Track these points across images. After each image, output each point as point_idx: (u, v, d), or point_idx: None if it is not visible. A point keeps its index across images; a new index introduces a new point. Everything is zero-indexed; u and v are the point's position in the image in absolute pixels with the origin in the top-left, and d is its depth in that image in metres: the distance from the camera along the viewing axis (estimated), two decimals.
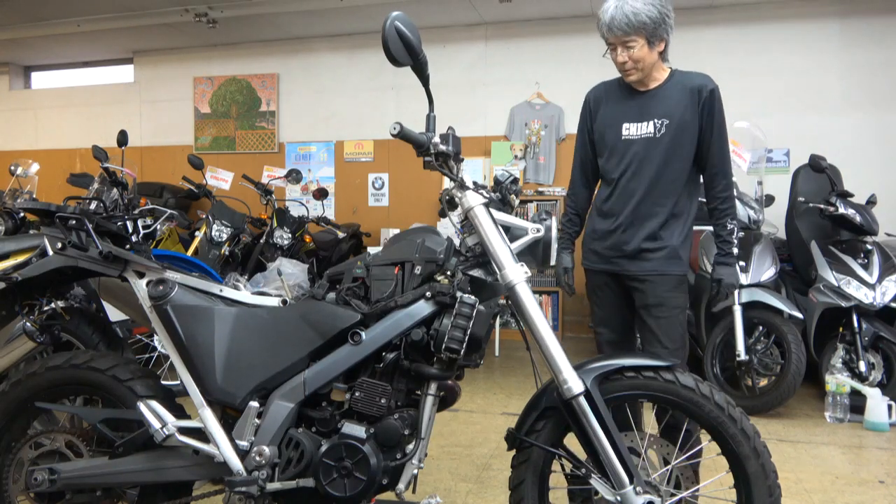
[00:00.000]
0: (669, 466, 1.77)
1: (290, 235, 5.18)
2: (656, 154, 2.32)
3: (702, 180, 2.44)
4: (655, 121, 2.32)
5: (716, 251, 2.46)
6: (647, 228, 2.34)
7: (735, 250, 2.43)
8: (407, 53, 1.59)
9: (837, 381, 3.79)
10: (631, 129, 2.37)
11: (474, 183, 1.75)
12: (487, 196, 1.75)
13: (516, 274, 1.66)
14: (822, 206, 4.17)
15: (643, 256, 2.36)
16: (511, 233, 1.74)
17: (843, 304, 3.96)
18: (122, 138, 4.43)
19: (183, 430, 1.76)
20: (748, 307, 3.93)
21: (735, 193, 2.50)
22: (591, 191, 2.61)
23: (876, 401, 3.67)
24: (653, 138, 2.32)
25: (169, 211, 4.43)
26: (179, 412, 1.83)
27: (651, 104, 2.34)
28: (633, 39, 2.22)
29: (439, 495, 2.07)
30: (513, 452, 1.79)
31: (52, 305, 2.10)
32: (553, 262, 1.78)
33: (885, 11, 5.61)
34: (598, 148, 2.49)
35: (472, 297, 1.65)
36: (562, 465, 1.80)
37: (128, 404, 1.82)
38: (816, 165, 4.15)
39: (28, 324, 2.03)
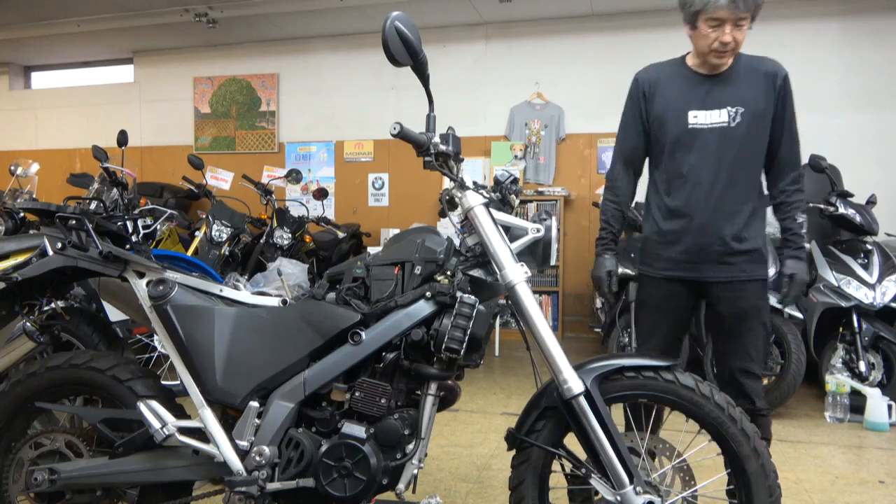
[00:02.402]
0: (669, 466, 1.77)
1: (290, 235, 5.18)
2: (732, 145, 2.12)
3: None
4: (729, 109, 2.12)
5: (786, 245, 2.24)
6: (731, 228, 2.13)
7: (806, 245, 2.23)
8: (407, 53, 1.59)
9: (837, 381, 3.79)
10: (699, 118, 2.14)
11: (474, 183, 1.75)
12: (487, 196, 1.75)
13: (516, 274, 1.66)
14: (822, 206, 4.17)
15: (728, 260, 2.15)
16: (511, 233, 1.74)
17: (843, 304, 3.96)
18: (122, 138, 4.43)
19: (183, 430, 1.76)
20: None
21: None
22: (636, 185, 2.37)
23: (876, 401, 3.67)
24: (727, 128, 2.12)
25: (169, 211, 4.43)
26: (179, 412, 1.83)
27: (722, 90, 2.13)
28: (746, 17, 2.01)
29: (439, 495, 2.07)
30: (513, 452, 1.79)
31: (52, 305, 2.10)
32: (554, 262, 1.78)
33: (885, 11, 5.62)
34: (657, 137, 2.23)
35: (472, 297, 1.65)
36: (562, 465, 1.80)
37: (128, 404, 1.82)
38: (816, 165, 4.15)
39: (28, 324, 2.03)
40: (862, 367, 3.86)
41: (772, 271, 4.11)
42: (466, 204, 1.72)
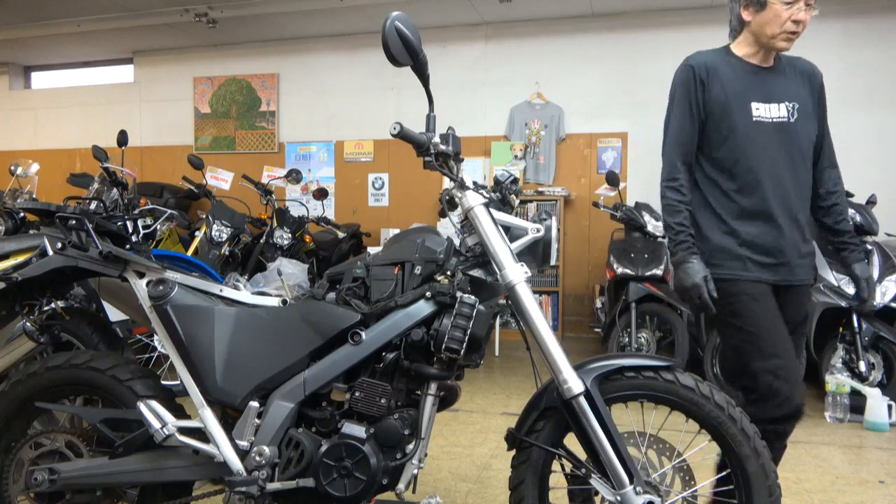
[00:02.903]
0: (669, 466, 1.77)
1: (290, 235, 5.19)
2: (793, 141, 2.03)
3: None
4: (787, 103, 2.03)
5: (845, 248, 2.14)
6: (802, 229, 2.02)
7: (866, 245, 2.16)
8: (407, 53, 1.59)
9: (837, 381, 3.79)
10: (761, 111, 2.01)
11: (474, 183, 1.75)
12: (487, 196, 1.75)
13: (516, 274, 1.66)
14: None
15: (801, 263, 2.04)
16: (511, 233, 1.74)
17: (843, 304, 3.96)
18: (122, 138, 4.43)
19: (183, 430, 1.76)
20: None
21: None
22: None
23: (876, 401, 3.67)
24: (787, 123, 2.02)
25: (169, 211, 4.43)
26: (179, 412, 1.83)
27: (778, 83, 2.04)
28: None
29: (439, 495, 2.07)
30: (513, 452, 1.79)
31: (52, 305, 2.10)
32: (553, 262, 1.78)
33: (886, 11, 5.62)
34: (717, 127, 2.04)
35: (472, 297, 1.65)
36: (562, 465, 1.80)
37: (128, 404, 1.82)
38: None
39: (28, 324, 2.03)
40: (862, 367, 3.85)
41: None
42: (466, 204, 1.72)
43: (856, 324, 3.93)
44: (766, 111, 2.02)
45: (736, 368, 2.03)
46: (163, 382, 1.92)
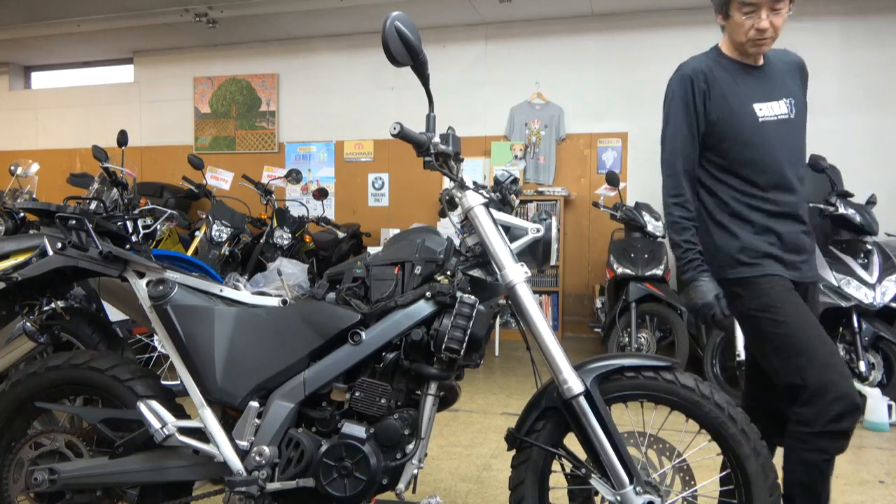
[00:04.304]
0: (669, 466, 1.77)
1: (290, 235, 5.19)
2: (795, 137, 2.01)
3: None
4: (786, 100, 2.01)
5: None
6: (807, 226, 2.02)
7: None
8: (407, 53, 1.59)
9: None
10: (764, 110, 1.98)
11: (474, 183, 1.75)
12: (487, 196, 1.75)
13: (516, 274, 1.66)
14: (822, 206, 4.17)
15: (812, 260, 2.03)
16: (511, 233, 1.74)
17: (843, 304, 3.95)
18: (122, 138, 4.43)
19: (183, 430, 1.77)
20: None
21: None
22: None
23: (876, 401, 3.67)
24: (788, 119, 1.99)
25: (169, 211, 4.43)
26: (179, 412, 1.83)
27: (772, 81, 2.03)
28: (784, 2, 1.91)
29: (439, 495, 2.07)
30: (513, 452, 1.79)
31: (52, 305, 2.10)
32: (553, 262, 1.78)
33: (885, 11, 5.62)
34: (725, 133, 1.99)
35: (472, 297, 1.65)
36: (562, 465, 1.80)
37: (128, 404, 1.82)
38: (816, 165, 4.15)
39: (28, 324, 2.03)
40: (862, 367, 3.85)
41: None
42: (466, 204, 1.72)
43: (856, 324, 3.94)
44: (770, 110, 1.99)
45: (782, 368, 1.88)
46: (163, 382, 1.92)
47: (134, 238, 3.03)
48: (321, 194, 5.79)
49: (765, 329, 1.91)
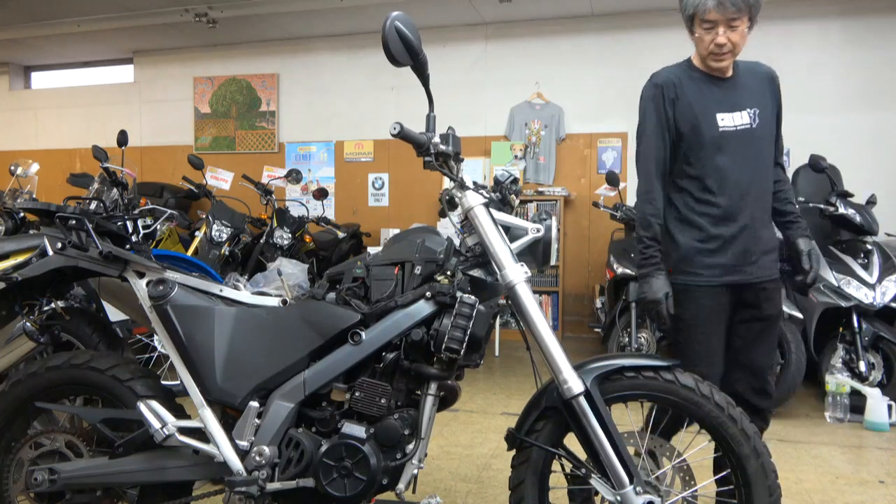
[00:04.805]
0: (669, 466, 1.77)
1: (290, 235, 5.18)
2: (756, 146, 2.14)
3: None
4: (748, 110, 2.13)
5: (792, 227, 2.29)
6: (767, 228, 2.17)
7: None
8: (407, 53, 1.59)
9: (837, 381, 3.79)
10: (726, 120, 2.11)
11: (474, 183, 1.75)
12: (487, 196, 1.75)
13: (516, 274, 1.66)
14: (822, 206, 4.17)
15: (766, 261, 2.16)
16: (511, 233, 1.74)
17: (843, 304, 3.96)
18: (122, 138, 4.43)
19: (183, 430, 1.76)
20: None
21: None
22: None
23: (876, 401, 3.67)
24: (749, 129, 2.12)
25: (169, 211, 4.43)
26: (179, 412, 1.83)
27: (738, 92, 2.14)
28: (740, 18, 2.00)
29: (439, 495, 2.07)
30: (513, 452, 1.79)
31: (52, 305, 2.10)
32: (553, 262, 1.78)
33: (885, 11, 5.62)
34: (688, 141, 2.14)
35: (472, 297, 1.65)
36: (562, 465, 1.80)
37: (128, 404, 1.82)
38: (816, 165, 4.15)
39: (28, 324, 2.03)
40: (862, 367, 3.85)
41: None
42: (466, 204, 1.72)
43: (856, 324, 3.93)
44: (731, 120, 2.12)
45: (674, 354, 2.22)
46: (163, 382, 1.92)
47: (134, 238, 3.03)
48: (321, 194, 5.79)
49: (674, 325, 2.16)
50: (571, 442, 1.70)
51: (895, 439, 3.52)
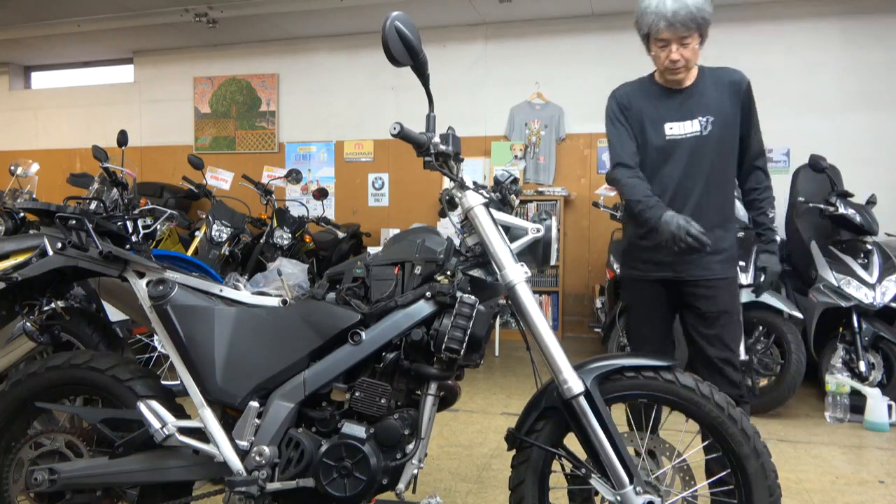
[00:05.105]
0: (669, 466, 1.77)
1: (290, 235, 5.18)
2: (707, 152, 2.25)
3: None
4: (700, 118, 2.26)
5: (759, 239, 2.42)
6: (711, 230, 2.22)
7: (777, 238, 2.40)
8: (407, 53, 1.59)
9: (837, 381, 3.79)
10: (675, 129, 2.27)
11: (474, 183, 1.75)
12: (487, 196, 1.75)
13: (516, 274, 1.66)
14: (822, 206, 4.17)
15: (706, 261, 2.26)
16: (511, 233, 1.74)
17: (843, 304, 3.96)
18: (122, 138, 4.43)
19: (183, 430, 1.77)
20: (748, 307, 3.92)
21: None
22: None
23: (876, 401, 3.67)
24: (700, 136, 2.25)
25: (169, 211, 4.43)
26: (179, 412, 1.83)
27: (692, 102, 2.27)
28: (690, 36, 2.14)
29: (439, 495, 2.07)
30: (513, 452, 1.79)
31: (52, 305, 2.10)
32: (553, 262, 1.78)
33: (885, 11, 5.62)
34: (640, 148, 2.34)
35: (472, 297, 1.65)
36: (562, 465, 1.80)
37: (128, 404, 1.82)
38: (816, 165, 4.15)
39: (28, 324, 2.03)
40: (862, 367, 3.85)
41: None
42: (466, 204, 1.72)
43: (856, 324, 3.94)
44: (681, 129, 2.27)
45: (633, 345, 2.50)
46: (163, 382, 1.92)
47: (134, 238, 3.04)
48: (321, 194, 5.79)
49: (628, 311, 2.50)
50: (571, 442, 1.70)
51: (895, 439, 3.52)
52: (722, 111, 2.26)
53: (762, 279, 2.37)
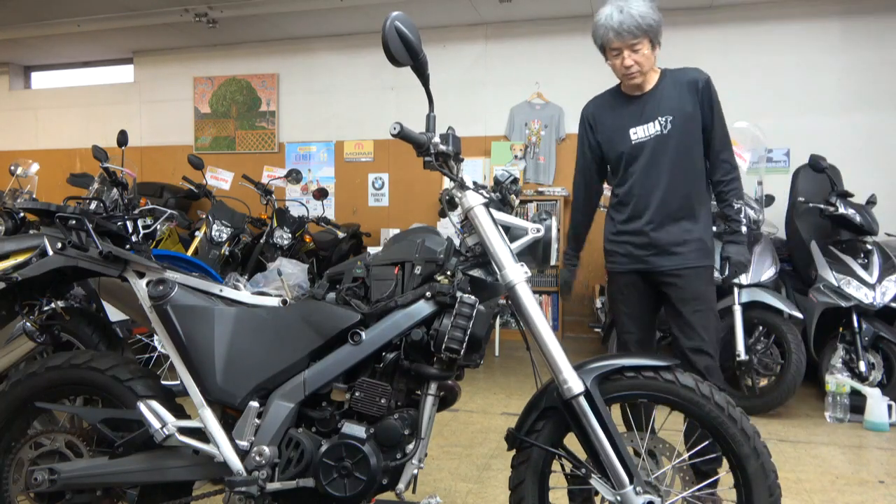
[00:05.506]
0: (669, 466, 1.77)
1: (290, 235, 5.18)
2: (669, 148, 2.41)
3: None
4: (660, 119, 2.41)
5: (724, 230, 2.56)
6: (677, 222, 2.43)
7: (743, 229, 2.51)
8: (407, 53, 1.59)
9: (837, 381, 3.79)
10: (639, 132, 2.45)
11: (474, 183, 1.75)
12: (487, 196, 1.75)
13: (516, 274, 1.66)
14: (822, 206, 4.17)
15: (676, 251, 2.43)
16: (511, 233, 1.74)
17: (843, 304, 3.96)
18: (122, 138, 4.43)
19: (183, 430, 1.76)
20: (748, 307, 3.93)
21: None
22: (591, 215, 2.73)
23: (876, 401, 3.67)
24: (661, 135, 2.41)
25: (169, 211, 4.43)
26: (179, 412, 1.83)
27: (652, 105, 2.43)
28: (640, 42, 2.30)
29: (439, 495, 2.07)
30: (513, 452, 1.79)
31: (52, 305, 2.10)
32: (553, 262, 1.78)
33: (885, 11, 5.62)
34: (609, 157, 2.57)
35: (472, 297, 1.65)
36: (562, 465, 1.80)
37: (128, 404, 1.82)
38: (816, 165, 4.15)
39: (28, 324, 2.03)
40: (862, 367, 3.85)
41: (772, 271, 4.13)
42: (466, 204, 1.72)
43: (856, 324, 3.93)
44: (644, 131, 2.44)
45: (619, 334, 2.64)
46: (163, 382, 1.92)
47: (134, 238, 3.04)
48: (321, 194, 5.79)
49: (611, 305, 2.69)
50: (571, 442, 1.70)
51: (895, 439, 3.52)
52: (681, 109, 2.40)
53: (728, 269, 2.50)
